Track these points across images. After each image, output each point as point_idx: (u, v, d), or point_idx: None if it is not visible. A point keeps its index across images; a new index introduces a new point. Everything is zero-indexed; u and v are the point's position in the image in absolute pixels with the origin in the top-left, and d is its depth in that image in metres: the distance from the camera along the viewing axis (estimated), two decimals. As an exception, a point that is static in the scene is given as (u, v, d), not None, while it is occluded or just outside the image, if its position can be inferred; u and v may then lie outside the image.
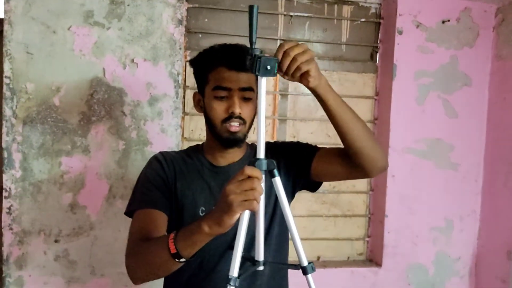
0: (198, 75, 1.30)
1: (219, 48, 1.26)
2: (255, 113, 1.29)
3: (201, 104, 1.30)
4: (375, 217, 2.36)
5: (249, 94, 1.22)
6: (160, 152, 1.36)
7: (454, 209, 2.33)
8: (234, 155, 1.30)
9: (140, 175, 1.32)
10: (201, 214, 1.26)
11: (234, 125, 1.21)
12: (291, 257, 1.35)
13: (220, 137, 1.23)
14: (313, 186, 1.36)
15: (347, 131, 1.15)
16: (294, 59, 1.00)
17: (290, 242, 1.35)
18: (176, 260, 1.01)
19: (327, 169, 1.28)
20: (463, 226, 2.35)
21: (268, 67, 0.95)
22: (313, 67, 1.02)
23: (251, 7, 0.97)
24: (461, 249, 2.36)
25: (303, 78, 1.04)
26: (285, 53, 1.00)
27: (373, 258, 2.37)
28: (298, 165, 1.31)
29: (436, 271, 2.33)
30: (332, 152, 1.28)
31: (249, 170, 0.93)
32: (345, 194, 2.36)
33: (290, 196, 1.32)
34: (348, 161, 1.22)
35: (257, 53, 0.95)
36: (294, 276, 1.42)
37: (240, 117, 1.21)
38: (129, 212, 1.26)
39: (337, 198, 2.35)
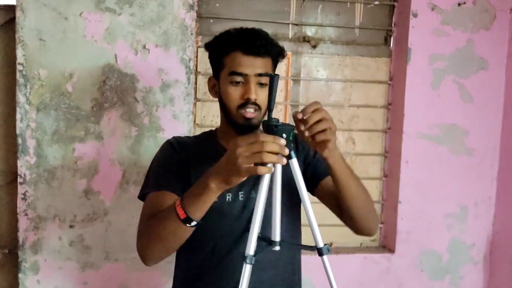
0: (213, 59, 1.29)
1: (235, 32, 1.24)
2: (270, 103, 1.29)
3: (216, 89, 1.29)
4: (389, 203, 2.35)
5: (265, 79, 1.20)
6: (174, 137, 1.36)
7: (469, 195, 2.31)
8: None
9: (153, 160, 1.33)
10: (215, 199, 1.26)
11: (250, 112, 1.20)
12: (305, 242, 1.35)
13: (235, 123, 1.22)
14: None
15: (347, 199, 1.17)
16: (321, 120, 1.01)
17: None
18: (187, 225, 1.02)
19: (324, 199, 1.31)
20: (478, 212, 2.32)
21: (284, 135, 0.97)
22: (333, 139, 1.04)
23: (271, 77, 0.99)
24: (475, 235, 2.33)
25: (320, 145, 1.05)
26: (317, 110, 1.02)
27: (386, 245, 2.36)
28: (312, 172, 1.32)
29: (450, 257, 2.32)
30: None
31: (263, 136, 0.92)
32: (358, 180, 2.34)
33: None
34: (340, 211, 1.25)
35: (274, 122, 0.98)
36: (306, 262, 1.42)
37: (255, 103, 1.20)
38: (142, 196, 1.27)
39: (350, 184, 2.33)
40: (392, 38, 2.31)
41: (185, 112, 2.01)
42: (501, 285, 2.29)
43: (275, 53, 1.25)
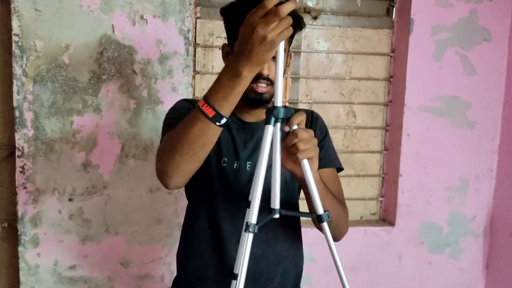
0: (228, 27, 1.24)
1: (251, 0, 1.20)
2: (284, 72, 1.26)
3: (229, 57, 1.26)
4: (389, 176, 2.34)
5: None
6: (187, 98, 1.34)
7: (470, 168, 2.30)
8: (261, 113, 1.26)
9: (169, 112, 1.28)
10: (223, 165, 1.24)
11: (262, 86, 1.18)
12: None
13: (247, 96, 1.18)
14: None
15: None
16: (302, 141, 0.99)
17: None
18: (217, 123, 0.97)
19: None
20: (479, 185, 2.32)
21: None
22: (316, 158, 1.03)
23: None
24: (476, 208, 2.33)
25: (297, 166, 1.03)
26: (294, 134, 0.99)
27: (386, 218, 2.36)
28: None
29: (450, 230, 2.32)
30: None
31: (267, 2, 0.87)
32: (358, 154, 2.33)
33: None
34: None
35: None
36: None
37: (268, 78, 1.17)
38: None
39: (350, 157, 2.33)
40: (394, 9, 2.27)
41: (184, 84, 1.98)
42: (501, 258, 2.30)
43: (294, 24, 1.20)
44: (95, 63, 1.90)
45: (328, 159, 1.31)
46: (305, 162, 1.01)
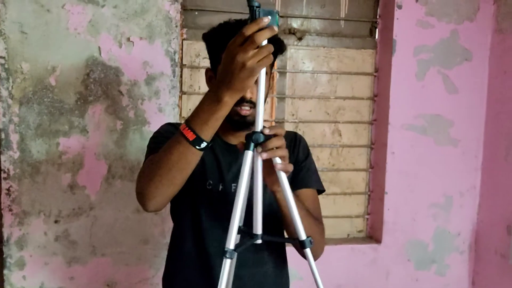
0: (211, 51, 1.26)
1: (234, 26, 1.20)
2: (266, 95, 1.28)
3: (213, 81, 1.27)
4: (375, 194, 2.36)
5: None
6: (171, 122, 1.35)
7: (454, 185, 2.33)
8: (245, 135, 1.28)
9: (152, 136, 1.30)
10: (208, 187, 1.25)
11: (245, 109, 1.19)
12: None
13: (231, 119, 1.20)
14: None
15: (291, 233, 1.15)
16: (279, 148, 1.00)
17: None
18: (197, 147, 0.97)
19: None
20: (463, 202, 2.35)
21: (269, 17, 0.90)
22: (287, 158, 1.03)
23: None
24: (461, 224, 2.36)
25: (272, 180, 1.04)
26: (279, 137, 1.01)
27: (373, 235, 2.37)
28: (290, 177, 1.21)
29: (436, 247, 2.34)
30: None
31: (246, 29, 0.88)
32: (344, 172, 2.36)
33: None
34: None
35: (256, 4, 0.91)
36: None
37: (251, 101, 1.18)
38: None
39: (336, 176, 2.35)
40: (377, 30, 2.32)
41: (171, 105, 2.00)
42: (486, 273, 2.33)
43: (275, 48, 1.20)
44: (81, 84, 1.91)
45: (308, 179, 1.32)
46: (283, 175, 1.00)
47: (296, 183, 1.28)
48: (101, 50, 1.91)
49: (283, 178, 1.00)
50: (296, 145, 1.35)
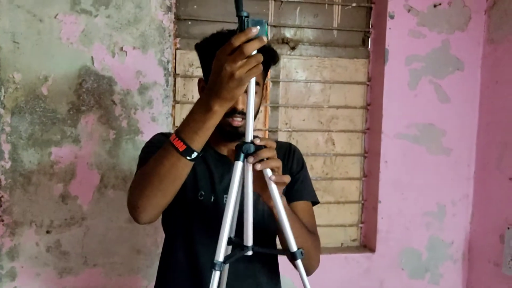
0: (203, 61, 1.26)
1: (226, 36, 1.18)
2: (259, 106, 1.28)
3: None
4: (369, 203, 2.36)
5: (255, 88, 1.17)
6: (163, 132, 1.35)
7: (447, 194, 2.34)
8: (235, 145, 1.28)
9: (142, 149, 1.29)
10: (200, 198, 1.25)
11: (237, 120, 1.19)
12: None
13: (223, 130, 1.20)
14: None
15: (285, 244, 1.12)
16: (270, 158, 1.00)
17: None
18: (187, 157, 0.97)
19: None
20: (456, 211, 2.35)
21: (258, 27, 0.91)
22: (280, 169, 1.02)
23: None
24: (454, 233, 2.36)
25: (266, 192, 1.02)
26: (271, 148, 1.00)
27: (366, 244, 2.37)
28: (288, 189, 1.25)
29: (429, 255, 2.34)
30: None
31: (235, 39, 0.88)
32: (338, 181, 2.36)
33: None
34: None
35: (245, 14, 0.91)
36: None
37: (243, 112, 1.18)
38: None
39: (330, 184, 2.35)
40: (369, 39, 2.33)
41: (164, 114, 1.99)
42: (480, 282, 2.33)
43: (268, 58, 1.17)
44: (74, 94, 1.91)
45: (303, 191, 1.32)
46: (274, 187, 1.00)
47: (290, 195, 1.27)
48: (94, 60, 1.91)
49: (274, 190, 1.00)
50: (290, 156, 1.35)
